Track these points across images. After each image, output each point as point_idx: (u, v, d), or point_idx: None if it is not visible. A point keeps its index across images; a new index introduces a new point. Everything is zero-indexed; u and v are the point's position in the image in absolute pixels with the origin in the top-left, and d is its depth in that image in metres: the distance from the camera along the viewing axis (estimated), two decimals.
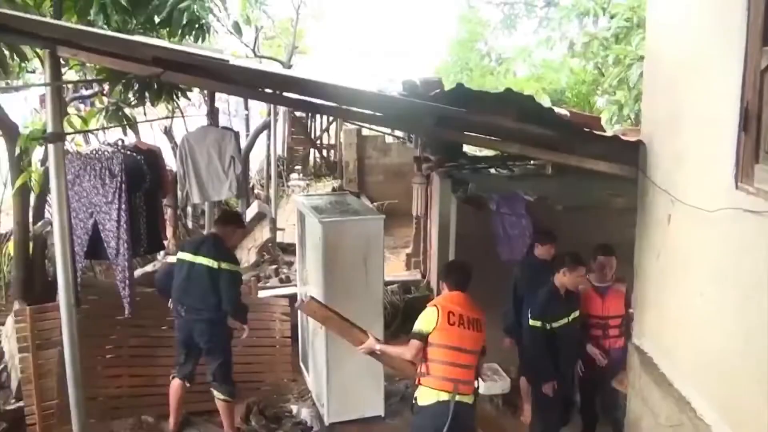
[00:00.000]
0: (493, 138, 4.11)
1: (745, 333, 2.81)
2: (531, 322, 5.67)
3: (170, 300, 6.14)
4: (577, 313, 5.65)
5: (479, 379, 7.00)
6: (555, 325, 5.59)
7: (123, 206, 5.67)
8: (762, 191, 2.66)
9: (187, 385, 6.18)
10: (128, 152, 5.98)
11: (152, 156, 6.24)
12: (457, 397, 4.73)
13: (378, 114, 4.40)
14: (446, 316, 4.76)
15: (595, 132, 4.31)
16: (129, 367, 6.65)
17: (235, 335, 6.23)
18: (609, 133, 4.75)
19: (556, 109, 5.05)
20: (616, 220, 7.19)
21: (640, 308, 4.11)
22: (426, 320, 4.79)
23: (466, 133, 4.20)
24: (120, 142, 6.18)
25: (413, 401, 4.98)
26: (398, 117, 4.26)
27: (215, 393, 6.10)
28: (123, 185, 5.67)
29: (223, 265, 5.90)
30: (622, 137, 4.21)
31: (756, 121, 2.74)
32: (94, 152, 5.88)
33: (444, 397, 4.72)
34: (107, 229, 5.76)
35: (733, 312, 2.93)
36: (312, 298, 5.49)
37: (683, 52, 3.48)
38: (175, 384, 6.18)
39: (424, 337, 4.76)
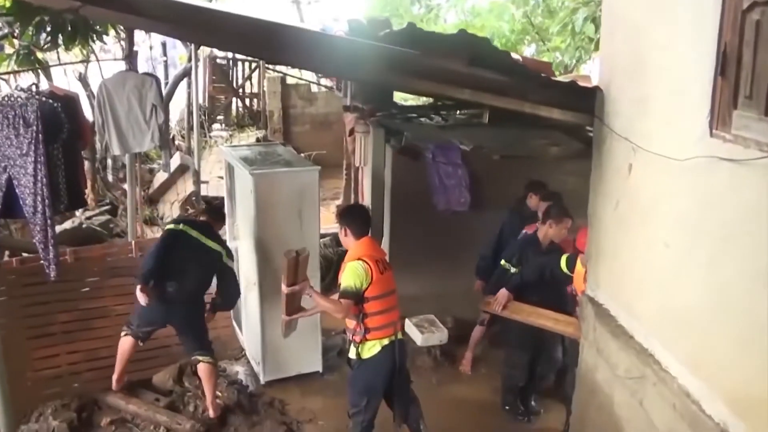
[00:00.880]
0: (444, 84, 3.88)
1: (717, 286, 2.72)
2: (501, 261, 5.87)
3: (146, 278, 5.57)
4: (559, 268, 5.45)
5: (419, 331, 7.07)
6: (524, 272, 5.65)
7: (40, 159, 5.19)
8: (740, 138, 2.53)
9: (140, 344, 5.85)
10: (44, 98, 5.42)
11: (70, 103, 5.69)
12: (398, 335, 4.84)
13: (321, 58, 4.08)
14: (376, 267, 4.69)
15: (551, 78, 4.13)
16: (67, 344, 6.18)
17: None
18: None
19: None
20: (552, 170, 7.22)
21: (594, 259, 4.01)
22: (358, 276, 4.63)
23: (418, 78, 3.95)
24: (35, 88, 5.62)
25: (354, 358, 4.85)
26: (345, 61, 3.96)
27: (199, 358, 5.80)
28: (39, 135, 5.16)
29: (229, 262, 5.87)
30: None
31: (735, 65, 2.59)
32: (5, 98, 5.30)
33: (386, 342, 4.74)
34: (23, 185, 5.28)
35: (703, 265, 2.83)
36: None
37: None
38: (127, 341, 5.79)
39: (357, 295, 4.63)
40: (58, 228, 8.31)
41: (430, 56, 3.74)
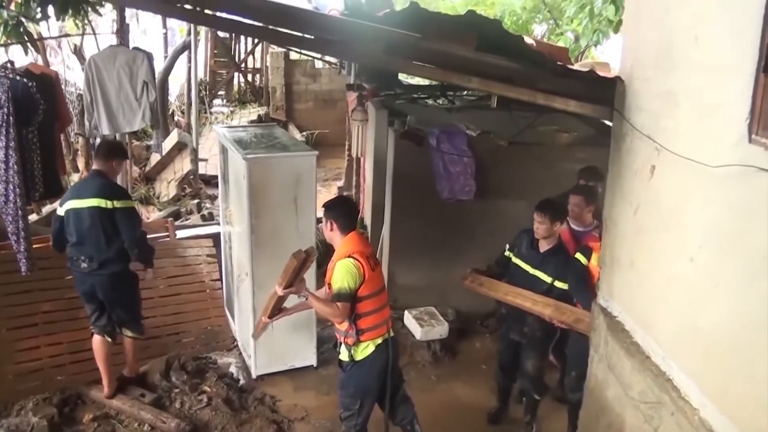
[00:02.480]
0: (449, 70, 3.53)
1: (752, 310, 2.39)
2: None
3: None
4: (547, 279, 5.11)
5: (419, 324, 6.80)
6: (515, 261, 5.31)
7: (11, 143, 4.87)
8: None
9: (109, 340, 5.54)
10: (17, 77, 5.07)
11: (47, 82, 5.37)
12: (390, 333, 4.67)
13: (316, 37, 3.74)
14: (368, 264, 4.44)
15: (568, 66, 3.77)
16: (48, 335, 5.89)
17: (141, 277, 5.65)
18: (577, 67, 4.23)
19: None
20: (562, 157, 6.89)
21: (608, 266, 3.67)
22: (352, 276, 4.35)
23: (418, 63, 3.60)
24: (8, 65, 5.28)
25: (347, 360, 4.60)
26: (341, 42, 3.61)
27: (126, 333, 5.60)
28: (10, 118, 4.82)
29: (117, 203, 5.21)
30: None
31: None
32: None
33: (379, 341, 4.56)
34: None
35: (735, 285, 2.49)
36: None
37: None
38: (96, 341, 5.54)
39: (353, 295, 4.37)
40: (46, 209, 8.05)
41: (434, 40, 3.40)
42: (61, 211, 5.28)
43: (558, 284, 5.04)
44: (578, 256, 5.04)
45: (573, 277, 4.92)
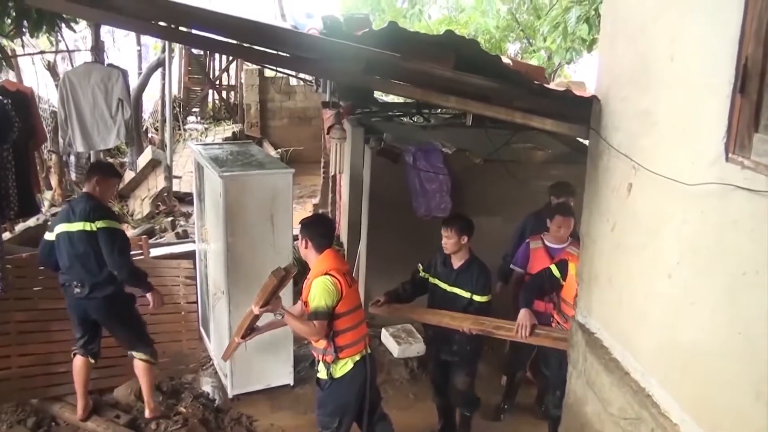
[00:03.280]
0: (427, 89, 3.55)
1: (728, 326, 2.41)
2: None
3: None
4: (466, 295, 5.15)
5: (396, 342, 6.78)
6: (432, 281, 5.32)
7: None
8: (762, 166, 2.21)
9: (92, 361, 5.42)
10: None
11: (22, 99, 5.30)
12: (368, 350, 4.66)
13: (292, 55, 3.74)
14: (345, 281, 4.42)
15: (545, 86, 3.81)
16: (20, 345, 5.74)
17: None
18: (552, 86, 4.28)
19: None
20: (537, 174, 6.95)
21: (586, 282, 3.70)
22: (329, 294, 4.33)
23: (398, 82, 3.62)
24: None
25: (325, 378, 4.56)
26: (320, 61, 3.62)
27: (135, 354, 5.45)
28: None
29: (98, 224, 5.07)
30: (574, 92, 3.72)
31: (758, 82, 2.26)
32: None
33: (358, 358, 4.55)
34: None
35: (712, 301, 2.51)
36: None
37: None
38: (78, 362, 5.38)
39: (330, 313, 4.35)
40: (20, 227, 7.94)
41: (412, 59, 3.42)
42: (51, 236, 5.17)
43: (477, 298, 5.07)
44: (554, 271, 5.09)
45: (485, 288, 5.08)
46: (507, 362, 6.21)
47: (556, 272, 5.07)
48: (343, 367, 4.50)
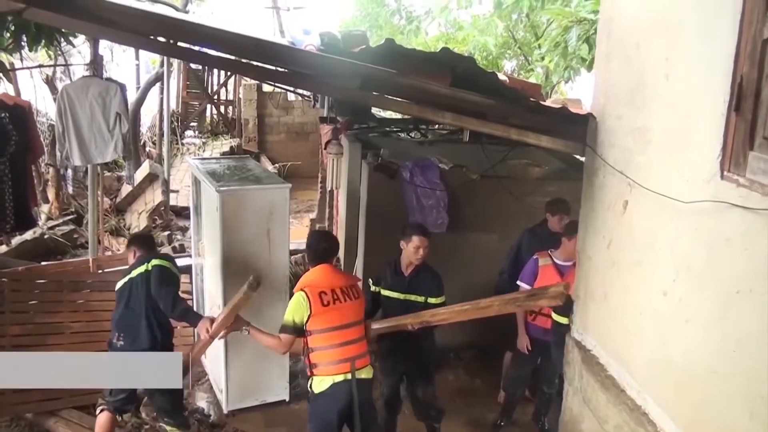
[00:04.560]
0: (423, 105, 3.58)
1: (723, 344, 2.42)
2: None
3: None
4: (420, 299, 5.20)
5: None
6: (385, 293, 5.31)
7: None
8: (757, 184, 2.24)
9: (119, 419, 5.17)
10: None
11: (19, 112, 5.32)
12: (357, 374, 4.39)
13: (291, 71, 3.76)
14: (318, 299, 4.34)
15: (541, 103, 3.84)
16: None
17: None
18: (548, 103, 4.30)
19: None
20: (533, 190, 6.96)
21: (582, 299, 3.71)
22: (295, 309, 4.34)
23: (395, 98, 3.64)
24: None
25: (310, 390, 4.52)
26: (317, 77, 3.64)
27: (166, 428, 5.29)
28: None
29: (154, 262, 4.91)
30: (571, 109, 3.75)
31: (753, 100, 2.29)
32: None
33: (339, 379, 4.35)
34: None
35: (707, 319, 2.52)
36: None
37: (650, 10, 3.01)
38: (104, 418, 4.94)
39: (297, 329, 4.35)
40: (16, 240, 7.93)
41: (408, 75, 3.44)
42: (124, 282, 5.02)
43: (432, 300, 5.11)
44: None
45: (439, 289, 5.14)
46: (508, 380, 6.16)
47: None
48: (320, 384, 4.37)
